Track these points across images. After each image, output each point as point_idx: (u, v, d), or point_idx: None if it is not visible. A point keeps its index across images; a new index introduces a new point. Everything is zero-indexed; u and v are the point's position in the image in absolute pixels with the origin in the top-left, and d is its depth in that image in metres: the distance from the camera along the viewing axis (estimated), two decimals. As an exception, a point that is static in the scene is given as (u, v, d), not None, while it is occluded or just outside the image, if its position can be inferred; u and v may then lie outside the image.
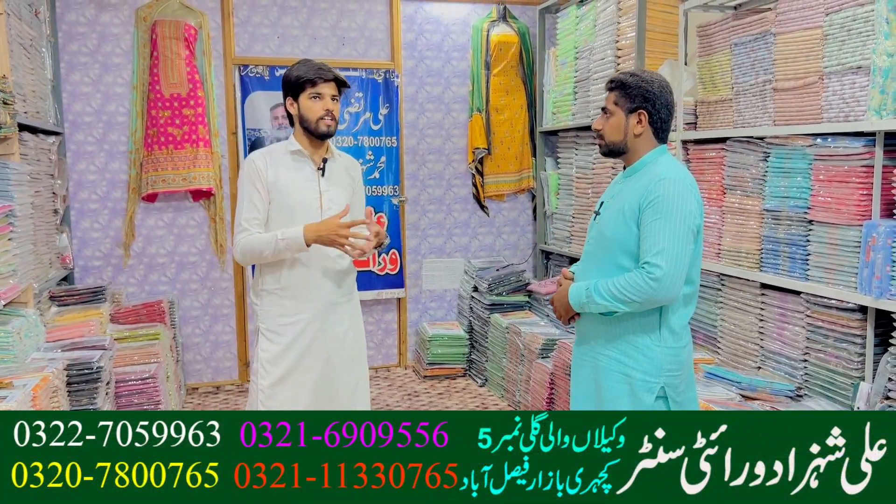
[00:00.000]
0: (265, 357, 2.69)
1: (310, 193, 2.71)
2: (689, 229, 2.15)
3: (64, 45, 4.50)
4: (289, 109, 2.73)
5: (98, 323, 3.70)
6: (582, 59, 4.56)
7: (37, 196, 3.67)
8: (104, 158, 4.63)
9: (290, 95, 2.71)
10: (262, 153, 2.74)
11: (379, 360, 5.28)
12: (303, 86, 2.66)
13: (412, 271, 5.29)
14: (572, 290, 2.29)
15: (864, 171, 2.69)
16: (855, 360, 2.76)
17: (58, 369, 2.74)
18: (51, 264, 3.99)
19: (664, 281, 2.10)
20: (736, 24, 3.35)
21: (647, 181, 2.21)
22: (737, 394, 3.00)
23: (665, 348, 2.23)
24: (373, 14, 5.05)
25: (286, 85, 2.72)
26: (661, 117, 2.28)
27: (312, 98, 2.67)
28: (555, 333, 4.24)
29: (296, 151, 2.72)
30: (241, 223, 2.67)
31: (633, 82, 2.27)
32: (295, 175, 2.71)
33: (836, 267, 2.80)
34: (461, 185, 5.36)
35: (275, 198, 2.67)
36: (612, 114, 2.31)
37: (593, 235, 2.37)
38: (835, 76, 2.82)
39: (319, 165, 2.75)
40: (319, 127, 2.68)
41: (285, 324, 2.70)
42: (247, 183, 2.67)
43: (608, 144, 2.34)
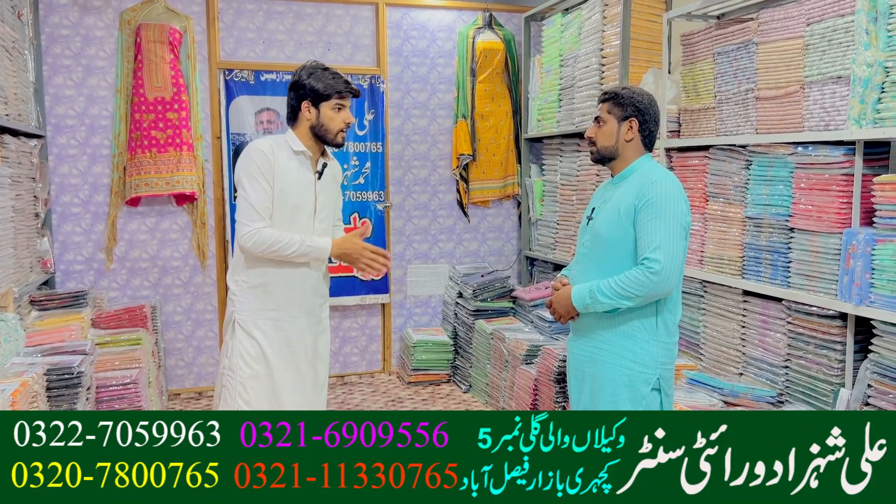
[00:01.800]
0: (244, 350, 2.68)
1: (307, 196, 2.73)
2: (682, 226, 2.34)
3: (47, 47, 4.47)
4: (303, 113, 2.70)
5: (79, 328, 3.66)
6: (567, 67, 4.60)
7: (17, 199, 3.63)
8: (87, 162, 4.59)
9: (309, 100, 2.69)
10: (269, 144, 2.69)
11: (363, 366, 5.28)
12: (329, 96, 2.67)
13: (397, 277, 5.30)
14: (574, 292, 2.44)
15: (844, 180, 2.75)
16: (835, 366, 2.81)
17: (37, 374, 2.71)
18: (31, 268, 3.95)
19: (663, 273, 2.28)
20: (719, 34, 3.41)
21: (640, 184, 2.39)
22: (719, 400, 3.04)
23: (661, 342, 2.41)
24: (359, 20, 5.06)
25: (310, 90, 2.68)
26: (650, 128, 2.49)
27: (336, 109, 2.69)
28: (539, 340, 4.27)
29: (300, 152, 2.73)
30: (254, 209, 2.63)
31: (625, 94, 2.49)
32: (296, 175, 2.71)
33: (817, 274, 2.85)
34: (446, 191, 5.38)
35: (276, 193, 2.66)
36: (604, 122, 2.51)
37: (588, 239, 2.53)
38: (815, 85, 2.88)
39: (318, 169, 2.77)
40: (337, 138, 2.73)
41: (266, 318, 2.70)
42: (255, 171, 2.64)
43: (600, 150, 2.53)
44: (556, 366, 3.74)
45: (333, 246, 2.70)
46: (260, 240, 2.62)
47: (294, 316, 2.73)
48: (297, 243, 2.63)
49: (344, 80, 2.73)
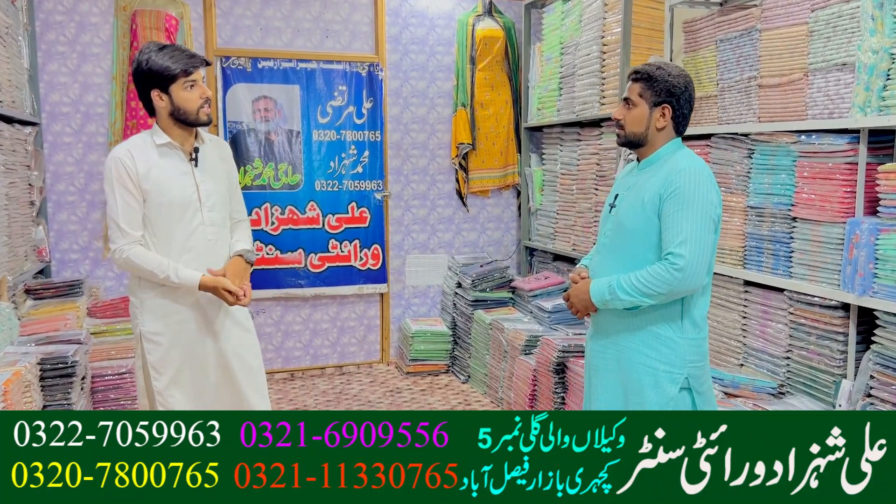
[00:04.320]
0: (152, 359, 2.57)
1: (186, 189, 2.57)
2: (710, 219, 2.16)
3: (41, 33, 4.41)
4: (155, 103, 2.52)
5: (74, 317, 3.63)
6: (567, 55, 4.56)
7: (11, 187, 3.60)
8: (82, 150, 4.54)
9: (156, 87, 2.50)
10: (125, 148, 2.52)
11: (361, 357, 5.26)
12: (174, 77, 2.48)
13: (395, 267, 5.27)
14: (593, 287, 2.28)
15: (847, 169, 2.72)
16: (837, 357, 2.79)
17: (31, 364, 2.69)
18: (26, 257, 3.92)
19: (688, 270, 2.11)
20: (721, 21, 3.37)
21: (667, 172, 2.21)
22: (719, 391, 3.02)
23: (687, 339, 2.24)
24: (357, 6, 5.01)
25: (150, 77, 2.49)
26: (684, 112, 2.29)
27: (188, 88, 2.50)
28: (538, 330, 4.25)
29: (164, 144, 2.55)
30: (119, 226, 2.49)
31: (659, 76, 2.26)
32: (167, 170, 2.54)
33: (820, 264, 2.83)
34: (445, 180, 5.34)
35: (150, 196, 2.51)
36: (635, 105, 2.30)
37: (610, 228, 2.35)
38: (820, 73, 2.84)
39: (191, 156, 2.60)
40: (200, 117, 2.54)
41: (167, 323, 2.58)
42: (116, 183, 2.48)
43: (628, 135, 2.32)
44: (555, 356, 3.72)
45: (202, 283, 2.52)
46: (126, 261, 2.49)
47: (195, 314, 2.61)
48: (162, 272, 2.49)
49: (187, 54, 2.52)
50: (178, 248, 2.55)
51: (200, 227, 2.59)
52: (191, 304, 2.60)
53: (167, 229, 2.54)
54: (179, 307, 2.59)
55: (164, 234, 2.55)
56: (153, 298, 2.57)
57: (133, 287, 2.62)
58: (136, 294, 2.60)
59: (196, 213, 2.57)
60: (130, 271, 2.56)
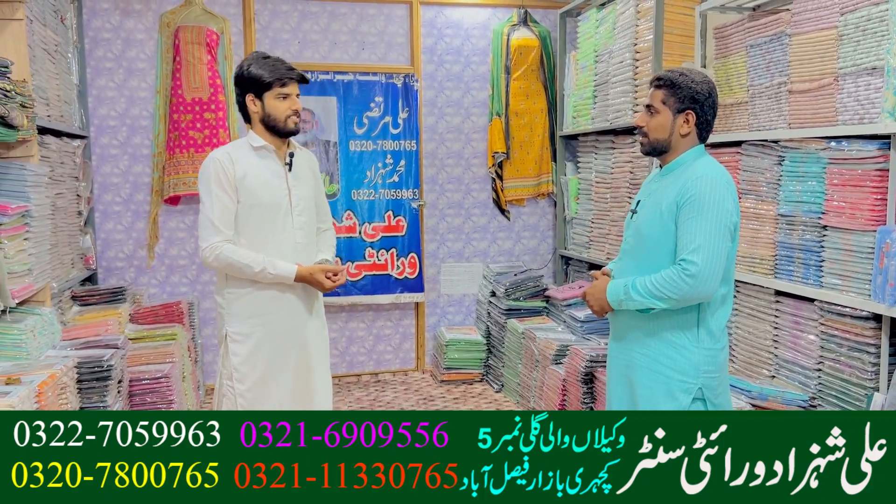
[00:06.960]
0: (238, 361, 2.65)
1: (279, 191, 2.69)
2: (726, 227, 2.16)
3: (90, 50, 4.60)
4: (249, 107, 2.67)
5: (116, 322, 3.76)
6: (601, 63, 4.56)
7: (59, 198, 3.74)
8: (128, 161, 4.71)
9: (251, 93, 2.66)
10: (225, 151, 2.67)
11: (396, 364, 5.31)
12: (269, 85, 2.62)
13: (430, 275, 5.31)
14: (610, 287, 2.30)
15: (878, 175, 2.66)
16: (869, 369, 2.72)
17: (67, 367, 2.77)
18: (73, 265, 4.06)
19: (700, 277, 2.11)
20: (751, 26, 3.33)
21: (685, 179, 2.21)
22: (747, 403, 2.97)
23: (703, 349, 2.23)
24: (392, 18, 5.08)
25: (248, 82, 2.64)
26: (708, 119, 2.29)
27: (280, 98, 2.65)
28: (569, 339, 4.24)
29: (260, 147, 2.68)
30: (213, 224, 2.60)
31: (682, 82, 2.25)
32: (262, 172, 2.67)
33: (850, 274, 2.77)
34: (480, 189, 5.37)
35: (243, 197, 2.63)
36: (657, 112, 2.30)
37: (631, 233, 2.37)
38: (849, 77, 2.79)
39: (286, 161, 2.72)
40: (288, 125, 2.67)
41: (255, 324, 2.67)
42: (212, 183, 2.60)
43: (651, 143, 2.33)
44: (584, 366, 3.70)
45: (298, 274, 2.63)
46: (219, 257, 2.59)
47: (285, 317, 2.70)
48: (258, 265, 2.59)
49: (286, 66, 2.65)
50: (267, 250, 2.65)
51: (290, 231, 2.70)
52: (278, 308, 2.68)
53: (258, 231, 2.65)
54: (267, 310, 2.67)
55: (255, 235, 2.66)
56: (241, 298, 2.67)
57: (220, 287, 2.72)
58: (222, 294, 2.70)
59: (287, 216, 2.69)
60: (221, 268, 2.65)
